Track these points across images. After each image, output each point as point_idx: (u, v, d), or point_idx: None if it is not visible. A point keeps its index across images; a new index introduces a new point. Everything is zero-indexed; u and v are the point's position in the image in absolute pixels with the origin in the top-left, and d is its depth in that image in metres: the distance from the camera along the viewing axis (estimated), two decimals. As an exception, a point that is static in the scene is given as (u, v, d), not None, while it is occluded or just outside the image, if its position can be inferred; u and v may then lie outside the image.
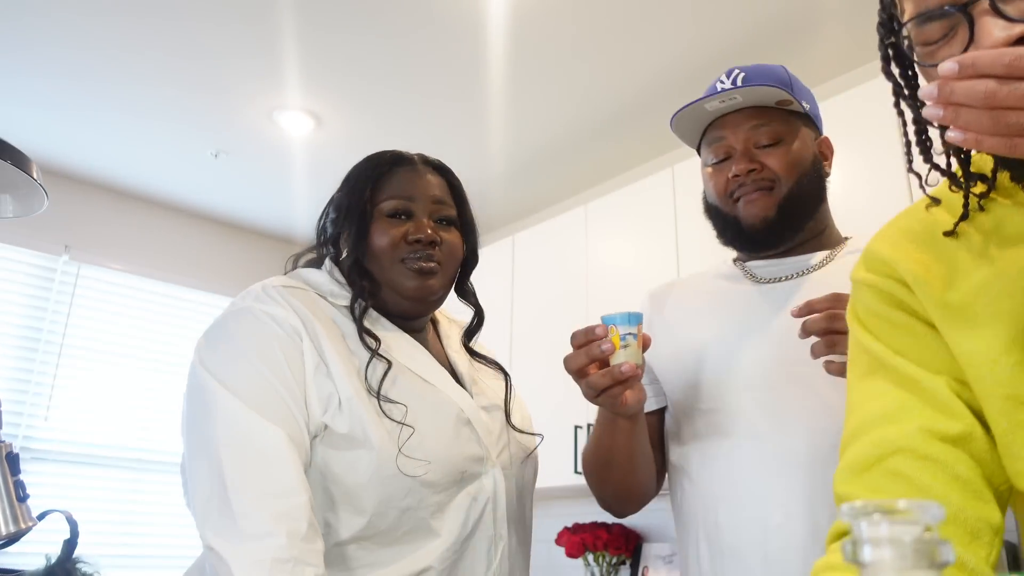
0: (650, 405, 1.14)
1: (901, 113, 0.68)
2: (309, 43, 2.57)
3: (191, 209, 3.90)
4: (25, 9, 2.42)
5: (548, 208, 3.70)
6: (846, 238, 1.15)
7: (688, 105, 1.10)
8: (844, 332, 0.84)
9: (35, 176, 1.09)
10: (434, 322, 1.22)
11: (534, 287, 3.15)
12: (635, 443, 1.05)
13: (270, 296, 1.01)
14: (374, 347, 1.01)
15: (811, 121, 1.13)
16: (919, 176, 0.67)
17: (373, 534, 0.95)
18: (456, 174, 1.20)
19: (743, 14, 2.40)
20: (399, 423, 0.97)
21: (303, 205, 3.72)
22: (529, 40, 2.53)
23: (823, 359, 0.89)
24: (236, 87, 2.83)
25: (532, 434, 1.17)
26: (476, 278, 1.22)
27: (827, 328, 0.88)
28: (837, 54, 2.58)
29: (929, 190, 0.69)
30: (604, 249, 2.93)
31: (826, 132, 1.17)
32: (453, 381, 1.09)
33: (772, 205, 1.06)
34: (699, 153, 1.19)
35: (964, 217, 0.65)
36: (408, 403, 1.00)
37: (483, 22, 2.45)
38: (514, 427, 1.13)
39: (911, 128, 0.67)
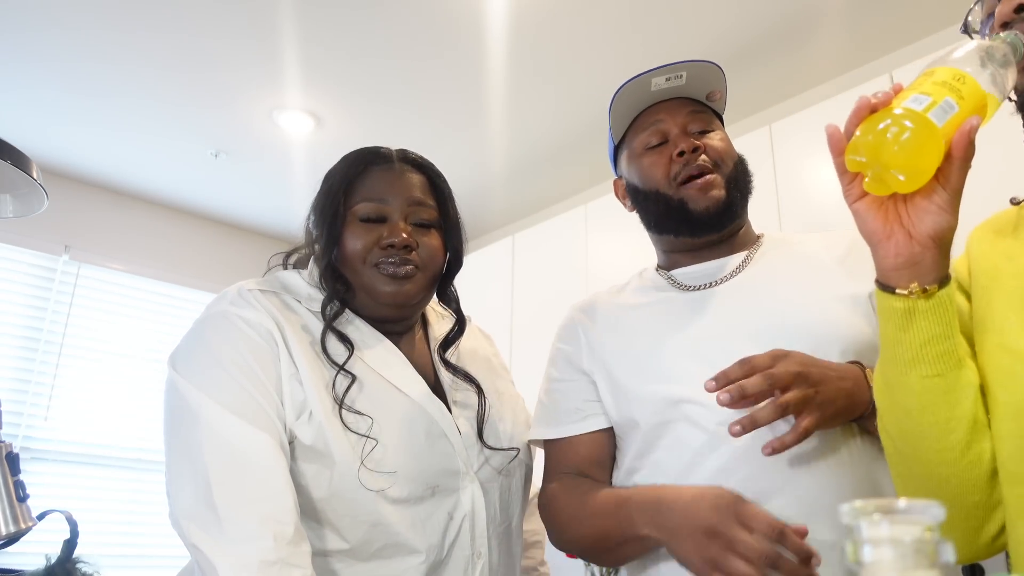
0: (594, 425, 1.07)
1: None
2: (309, 43, 2.57)
3: (191, 209, 3.90)
4: (24, 11, 2.42)
5: (548, 208, 3.70)
6: (759, 235, 1.15)
7: (635, 78, 1.08)
8: (792, 388, 0.81)
9: (35, 176, 1.09)
10: (425, 321, 1.17)
11: (534, 287, 3.15)
12: None
13: (245, 300, 0.99)
14: (344, 356, 0.98)
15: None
16: None
17: (346, 548, 0.94)
18: (439, 171, 1.11)
19: (743, 15, 2.40)
20: (363, 436, 0.94)
21: (303, 205, 3.68)
22: (529, 40, 2.53)
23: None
24: (236, 87, 2.83)
25: (507, 449, 1.09)
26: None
27: (765, 393, 0.82)
28: (836, 55, 2.58)
29: None
30: (604, 249, 2.92)
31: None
32: (428, 391, 1.03)
33: (722, 186, 1.06)
34: (615, 153, 1.18)
35: None
36: (375, 414, 0.96)
37: (483, 22, 2.45)
38: (487, 445, 1.06)
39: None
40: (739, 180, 1.08)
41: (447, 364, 1.11)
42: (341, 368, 0.97)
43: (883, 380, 0.74)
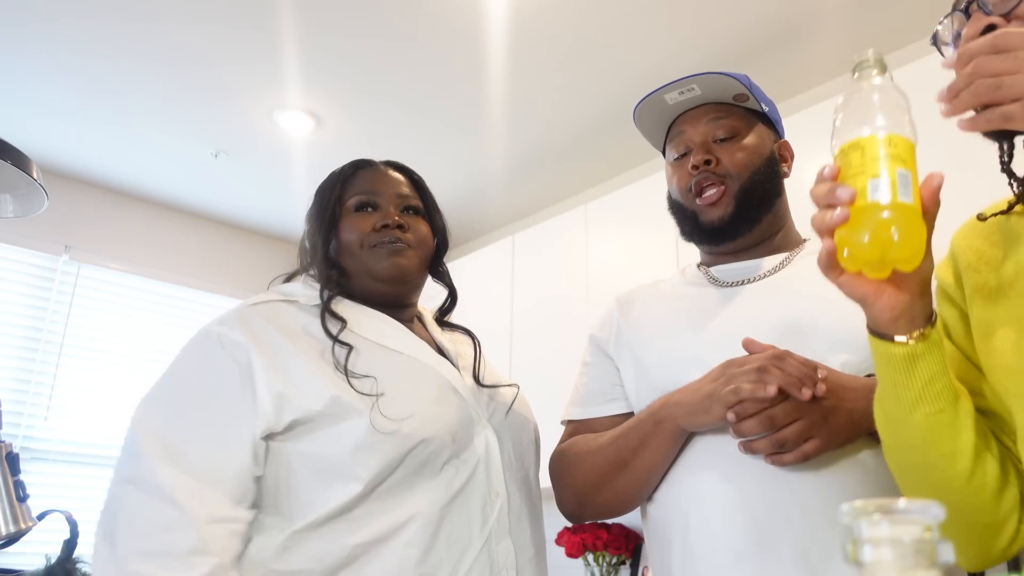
0: (616, 409, 1.13)
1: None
2: (309, 43, 2.57)
3: (191, 209, 3.90)
4: (25, 11, 2.42)
5: (548, 208, 3.70)
6: (805, 240, 1.16)
7: (648, 96, 1.11)
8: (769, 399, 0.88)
9: (35, 176, 1.09)
10: (420, 317, 1.23)
11: (534, 287, 3.15)
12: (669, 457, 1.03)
13: (232, 318, 1.05)
14: (336, 332, 1.02)
15: (771, 124, 1.16)
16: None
17: (367, 493, 0.97)
18: (420, 176, 1.23)
19: (742, 14, 2.40)
20: (371, 395, 0.98)
21: (303, 205, 3.65)
22: (528, 40, 2.53)
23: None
24: (236, 87, 2.83)
25: (507, 385, 1.17)
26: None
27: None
28: (836, 55, 2.58)
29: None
30: (604, 249, 2.92)
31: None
32: (436, 353, 1.11)
33: (728, 202, 1.07)
34: (663, 154, 1.21)
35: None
36: (382, 374, 1.01)
37: (483, 22, 2.45)
38: (484, 384, 1.13)
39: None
40: (754, 188, 1.09)
41: (444, 324, 1.21)
42: (335, 340, 1.01)
43: (885, 417, 0.76)
